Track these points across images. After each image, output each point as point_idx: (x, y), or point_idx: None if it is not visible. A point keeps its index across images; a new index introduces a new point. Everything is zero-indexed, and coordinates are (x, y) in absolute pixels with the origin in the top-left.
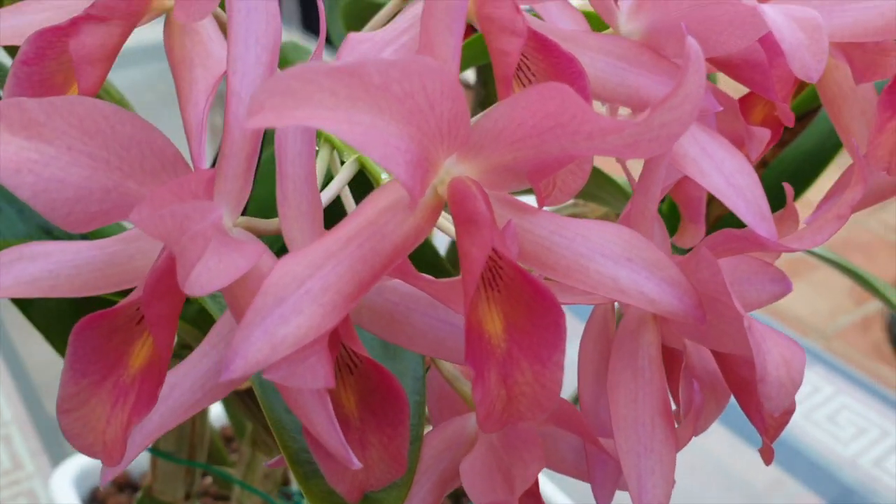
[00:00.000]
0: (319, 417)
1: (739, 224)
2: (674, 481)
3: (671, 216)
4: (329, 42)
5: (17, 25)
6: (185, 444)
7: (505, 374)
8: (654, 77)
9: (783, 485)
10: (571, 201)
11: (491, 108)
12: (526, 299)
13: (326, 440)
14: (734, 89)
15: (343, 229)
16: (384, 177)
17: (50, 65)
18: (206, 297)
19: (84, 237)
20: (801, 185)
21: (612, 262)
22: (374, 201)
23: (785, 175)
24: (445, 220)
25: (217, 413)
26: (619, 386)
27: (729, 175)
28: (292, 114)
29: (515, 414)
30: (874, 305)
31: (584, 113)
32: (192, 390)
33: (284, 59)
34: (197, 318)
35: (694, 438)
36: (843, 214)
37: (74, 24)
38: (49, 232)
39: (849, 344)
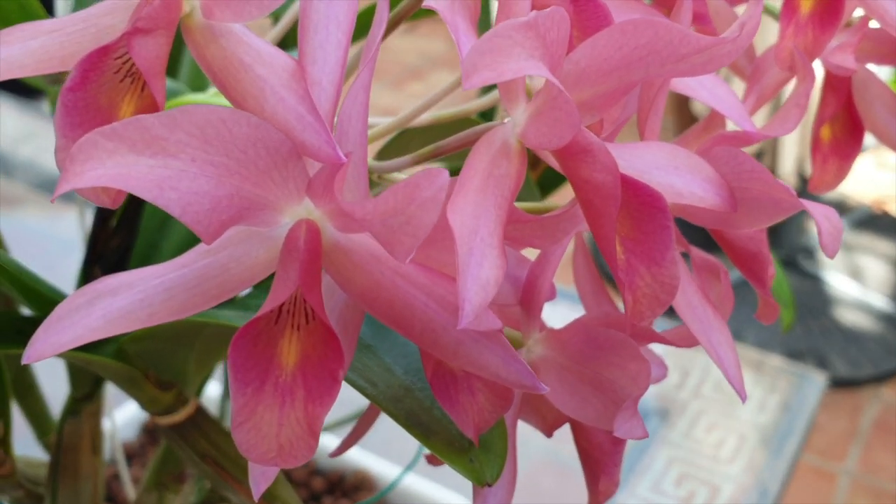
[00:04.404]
0: (498, 355)
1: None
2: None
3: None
4: None
5: (8, 56)
6: None
7: (629, 281)
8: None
9: None
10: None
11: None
12: (632, 211)
13: (508, 375)
14: None
15: (472, 182)
16: None
17: (92, 88)
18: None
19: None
20: None
21: (664, 172)
22: (480, 155)
23: None
24: None
25: None
26: None
27: (711, 89)
28: (504, 68)
29: (638, 315)
30: None
31: (681, 36)
32: None
33: None
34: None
35: None
36: (801, 103)
37: (126, 40)
38: None
39: None
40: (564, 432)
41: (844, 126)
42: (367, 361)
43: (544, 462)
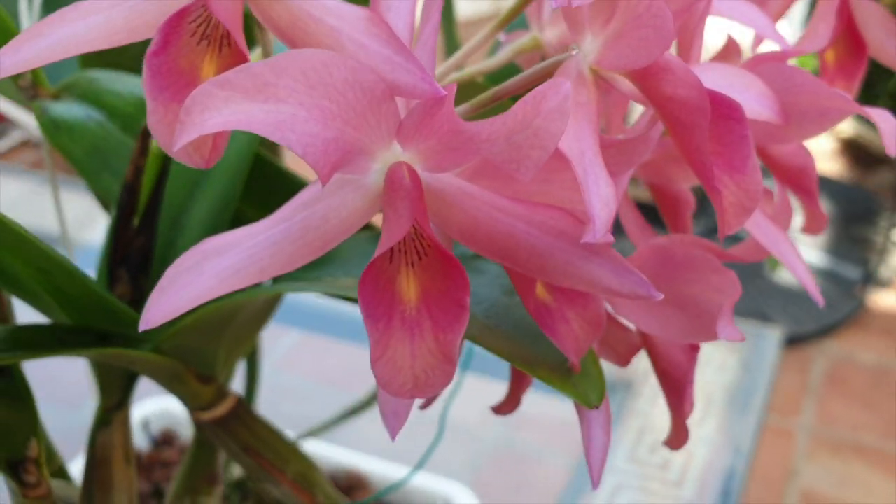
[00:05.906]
0: (610, 269)
1: None
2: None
3: None
4: None
5: (75, 34)
6: None
7: (718, 191)
8: None
9: None
10: None
11: None
12: (709, 124)
13: (622, 287)
14: None
15: None
16: None
17: (173, 51)
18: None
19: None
20: None
21: (722, 90)
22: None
23: None
24: None
25: None
26: None
27: (745, 12)
28: None
29: (727, 224)
30: None
31: None
32: None
33: None
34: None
35: None
36: (827, 19)
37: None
38: None
39: None
40: (519, 419)
41: (847, 47)
42: None
43: (503, 452)
